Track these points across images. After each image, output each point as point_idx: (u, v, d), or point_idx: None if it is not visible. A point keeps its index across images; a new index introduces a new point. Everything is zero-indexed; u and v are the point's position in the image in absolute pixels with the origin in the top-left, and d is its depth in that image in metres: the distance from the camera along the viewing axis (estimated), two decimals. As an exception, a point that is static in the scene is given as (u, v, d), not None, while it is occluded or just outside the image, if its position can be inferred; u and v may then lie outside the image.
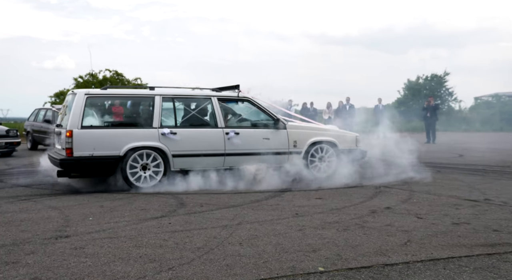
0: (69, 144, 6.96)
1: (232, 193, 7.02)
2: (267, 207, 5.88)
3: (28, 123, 16.88)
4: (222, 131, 7.71)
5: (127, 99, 7.85)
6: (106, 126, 7.41)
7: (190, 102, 7.95)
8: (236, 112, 8.32)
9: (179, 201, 6.42)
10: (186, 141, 7.46)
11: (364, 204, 5.99)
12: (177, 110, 7.69)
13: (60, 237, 4.51)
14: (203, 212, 5.66)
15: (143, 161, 7.28)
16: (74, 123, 7.02)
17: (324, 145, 8.36)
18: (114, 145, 7.13)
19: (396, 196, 6.56)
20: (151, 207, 5.98)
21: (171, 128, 7.46)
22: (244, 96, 8.11)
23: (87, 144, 7.01)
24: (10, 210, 5.93)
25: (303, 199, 6.46)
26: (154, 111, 7.46)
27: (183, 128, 7.56)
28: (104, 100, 7.68)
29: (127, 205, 6.19)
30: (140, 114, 7.78)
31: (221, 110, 7.85)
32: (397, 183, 7.88)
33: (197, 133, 7.62)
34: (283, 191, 7.10)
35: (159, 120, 7.44)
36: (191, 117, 7.73)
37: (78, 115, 7.04)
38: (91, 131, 7.11)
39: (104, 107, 7.74)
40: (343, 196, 6.69)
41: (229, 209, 5.79)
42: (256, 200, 6.43)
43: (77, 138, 6.97)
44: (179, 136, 7.43)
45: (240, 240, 4.27)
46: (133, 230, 4.74)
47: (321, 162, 8.34)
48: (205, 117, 7.86)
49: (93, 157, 7.06)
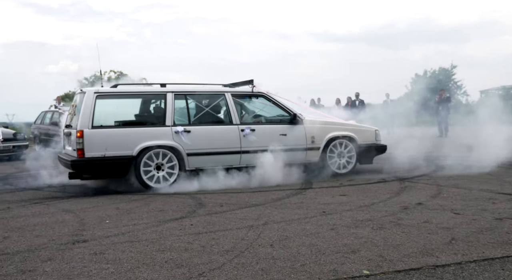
0: (80, 145, 6.70)
1: (251, 191, 6.73)
2: (291, 206, 5.60)
3: (35, 126, 16.65)
4: (237, 128, 7.43)
5: (138, 96, 7.55)
6: (118, 125, 7.14)
7: (203, 98, 7.65)
8: (250, 108, 8.02)
9: (197, 201, 6.15)
10: (201, 139, 7.17)
11: (393, 200, 5.69)
12: (190, 107, 7.41)
13: (77, 241, 4.25)
14: (225, 212, 5.37)
15: (157, 160, 7.00)
16: (84, 123, 6.75)
17: (342, 140, 8.04)
18: (127, 144, 6.86)
19: (424, 191, 6.26)
20: (169, 208, 5.71)
21: (185, 126, 7.19)
22: (259, 91, 7.81)
23: (99, 144, 6.75)
24: (22, 214, 5.67)
25: (326, 197, 6.17)
26: (166, 109, 7.18)
27: (197, 126, 7.27)
28: (115, 98, 7.37)
29: (143, 206, 5.92)
30: (152, 112, 7.50)
31: (235, 106, 7.57)
32: (421, 177, 7.56)
33: (211, 130, 7.34)
34: (304, 189, 6.81)
35: (172, 118, 7.15)
36: (205, 114, 7.44)
37: (88, 114, 6.78)
38: (103, 131, 6.85)
39: (115, 105, 7.47)
40: (367, 192, 6.40)
41: (251, 209, 5.51)
42: (278, 198, 6.15)
43: (88, 139, 6.71)
44: (193, 134, 7.15)
45: (270, 242, 3.99)
46: (154, 233, 4.47)
47: (340, 158, 8.03)
48: (219, 114, 7.58)
49: (105, 157, 6.78)
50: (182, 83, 7.63)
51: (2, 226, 5.03)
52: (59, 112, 15.23)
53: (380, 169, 8.50)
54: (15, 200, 6.62)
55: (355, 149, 8.06)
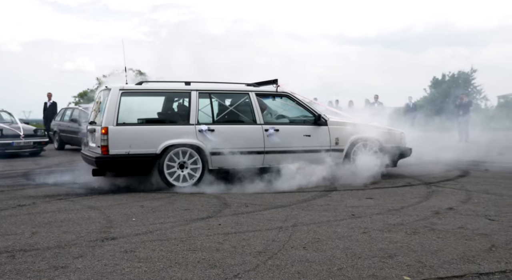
0: (104, 142, 6.67)
1: (275, 192, 6.66)
2: (318, 208, 5.51)
3: (55, 122, 16.76)
4: (261, 127, 7.33)
5: (163, 94, 7.48)
6: (142, 123, 7.10)
7: (227, 97, 7.57)
8: (274, 108, 7.88)
9: (221, 201, 6.09)
10: (224, 139, 7.07)
11: (422, 205, 5.57)
12: (214, 106, 7.34)
13: (106, 239, 4.21)
14: (251, 212, 5.31)
15: (180, 159, 6.95)
16: (109, 119, 6.72)
17: (367, 142, 7.90)
18: (151, 142, 6.81)
19: (453, 196, 6.13)
20: (195, 207, 5.66)
21: (209, 125, 7.13)
22: (283, 91, 7.71)
23: (123, 141, 6.71)
24: (48, 210, 5.66)
25: (353, 199, 6.07)
26: (190, 107, 7.12)
27: (221, 125, 7.19)
28: (139, 95, 7.33)
29: (168, 205, 5.88)
30: (176, 110, 7.42)
31: (259, 106, 7.50)
32: (447, 182, 7.43)
33: (235, 130, 7.26)
34: (328, 191, 6.72)
35: (196, 116, 7.08)
36: (229, 113, 7.37)
37: (113, 111, 6.74)
38: (127, 128, 6.81)
39: (139, 102, 7.40)
40: (394, 196, 6.28)
41: (277, 210, 5.44)
42: (304, 200, 6.06)
43: (112, 135, 6.68)
44: (217, 133, 7.08)
45: (303, 244, 3.91)
46: (182, 232, 4.42)
47: (365, 161, 7.85)
48: (243, 113, 7.46)
49: (129, 155, 6.75)
50: (206, 82, 7.57)
51: (29, 221, 5.02)
52: (79, 110, 15.33)
53: (404, 173, 8.38)
54: (40, 196, 6.63)
55: (379, 151, 7.92)
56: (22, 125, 14.02)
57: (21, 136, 13.26)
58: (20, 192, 6.98)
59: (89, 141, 7.69)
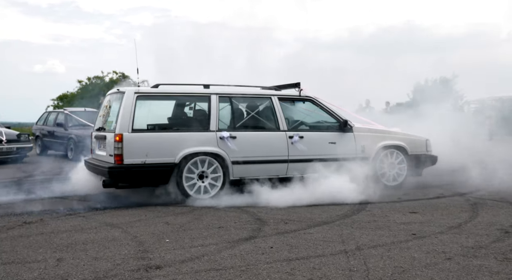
0: (119, 150, 6.06)
1: (307, 205, 6.12)
2: (366, 225, 4.99)
3: (36, 127, 15.82)
4: (285, 134, 6.81)
5: (181, 98, 6.86)
6: (159, 129, 6.53)
7: (248, 102, 7.03)
8: (297, 113, 7.31)
9: (253, 216, 5.52)
10: (247, 146, 6.55)
11: (479, 221, 5.11)
12: (235, 111, 6.80)
13: (149, 267, 3.59)
14: (296, 231, 4.75)
15: (200, 169, 6.35)
16: (124, 125, 6.11)
17: (394, 150, 7.46)
18: (169, 151, 6.22)
19: (503, 210, 5.71)
20: (228, 225, 5.07)
21: (230, 132, 6.54)
22: (306, 95, 7.19)
23: (139, 150, 6.12)
24: (62, 228, 4.99)
25: (396, 214, 5.58)
26: (210, 112, 6.56)
27: (243, 132, 6.63)
28: (156, 99, 6.74)
29: (196, 221, 5.27)
30: (196, 116, 6.85)
31: (282, 111, 6.95)
32: (479, 192, 7.00)
33: (258, 137, 6.73)
34: (363, 204, 6.21)
35: (216, 122, 6.53)
36: (251, 119, 6.82)
37: (128, 116, 6.14)
38: (143, 135, 6.24)
39: (156, 107, 6.85)
40: (438, 210, 5.82)
41: (322, 227, 4.90)
42: (343, 214, 5.54)
43: (128, 143, 6.08)
44: (238, 140, 6.52)
45: (388, 274, 3.37)
46: (234, 258, 3.83)
47: (391, 169, 7.43)
48: (265, 119, 6.92)
49: (146, 164, 6.14)
50: (225, 85, 6.98)
51: (46, 243, 4.35)
52: (64, 113, 14.45)
53: (426, 182, 7.92)
54: (44, 211, 5.91)
55: (406, 160, 7.49)
56: (3, 129, 13.07)
57: (3, 142, 12.35)
58: (18, 206, 6.23)
59: (95, 148, 7.02)
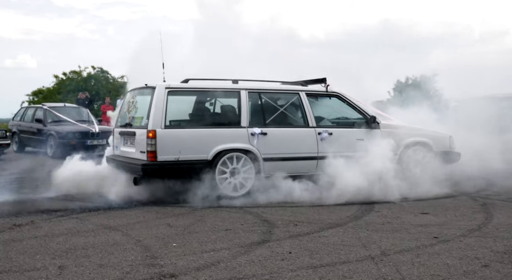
0: (152, 147, 5.87)
1: (310, 206, 5.87)
2: (381, 227, 4.76)
3: (13, 123, 15.13)
4: (314, 130, 6.66)
5: (211, 93, 6.70)
6: (191, 125, 6.36)
7: (277, 97, 6.86)
8: (325, 109, 7.14)
9: (259, 217, 5.24)
10: (278, 143, 6.42)
11: (497, 223, 4.92)
12: (264, 107, 6.64)
13: (163, 276, 3.28)
14: (309, 234, 4.48)
15: (232, 165, 6.19)
16: (156, 122, 5.94)
17: (420, 147, 7.18)
18: (202, 147, 6.08)
19: (515, 211, 5.56)
20: (234, 227, 4.78)
21: (261, 128, 6.38)
22: (333, 91, 7.01)
23: (173, 146, 5.96)
24: (56, 231, 4.61)
25: (408, 215, 5.37)
26: (241, 108, 6.42)
27: (273, 128, 6.48)
28: (186, 94, 6.63)
29: (199, 223, 4.96)
30: (226, 111, 6.65)
31: (311, 107, 6.78)
32: (485, 192, 6.84)
33: (288, 133, 6.60)
34: (369, 204, 5.97)
35: (247, 118, 6.39)
36: (280, 115, 6.66)
37: (160, 112, 5.98)
38: (176, 131, 6.13)
39: (186, 102, 6.65)
40: (449, 210, 5.63)
41: (337, 230, 4.64)
42: (353, 216, 5.30)
43: (161, 140, 5.90)
44: (269, 136, 6.38)
45: (425, 281, 3.14)
46: (253, 265, 3.54)
47: (416, 167, 7.07)
48: (294, 115, 6.83)
49: (179, 161, 5.96)
50: (252, 80, 6.82)
51: (42, 249, 3.98)
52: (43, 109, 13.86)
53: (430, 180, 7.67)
54: (33, 212, 5.50)
55: (430, 157, 7.16)
56: (-21, 125, 12.46)
57: (-20, 138, 11.76)
58: (3, 207, 5.79)
59: (120, 145, 6.78)
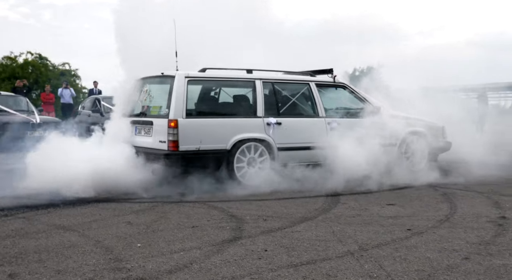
0: (174, 136, 5.93)
1: (276, 199, 5.69)
2: (352, 220, 4.63)
3: None
4: (324, 120, 6.87)
5: (228, 82, 6.80)
6: (210, 115, 6.43)
7: (289, 87, 6.99)
8: (332, 99, 7.34)
9: (225, 212, 4.98)
10: (291, 132, 6.60)
11: (463, 213, 4.92)
12: (278, 97, 6.77)
13: (132, 283, 2.96)
14: (281, 229, 4.28)
15: (249, 155, 6.34)
16: (178, 111, 5.99)
17: (417, 137, 7.48)
18: (222, 137, 6.19)
19: (477, 200, 5.60)
20: (201, 223, 4.50)
21: (276, 118, 6.53)
22: (340, 82, 7.25)
23: (194, 136, 6.04)
24: (1, 233, 4.15)
25: (375, 206, 5.29)
26: (257, 98, 6.53)
27: (287, 118, 6.64)
28: (204, 83, 6.63)
29: (162, 220, 4.64)
30: (243, 101, 6.74)
31: (320, 97, 6.98)
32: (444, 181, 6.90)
33: (301, 123, 6.78)
34: (334, 196, 5.87)
35: (263, 108, 6.52)
36: (292, 105, 6.82)
37: (182, 102, 6.03)
38: (198, 121, 6.19)
39: (204, 91, 6.68)
40: (413, 200, 5.61)
41: (308, 224, 4.47)
42: (321, 209, 5.16)
43: (183, 129, 5.97)
44: (283, 126, 6.55)
45: (414, 279, 3.01)
46: (229, 265, 3.29)
47: (413, 156, 7.42)
48: (306, 105, 7.00)
49: (200, 151, 6.05)
50: (264, 70, 6.92)
51: (-13, 254, 3.54)
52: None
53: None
54: (-28, 211, 4.97)
55: (426, 146, 7.53)
56: None
57: None
58: None
59: (134, 134, 6.67)
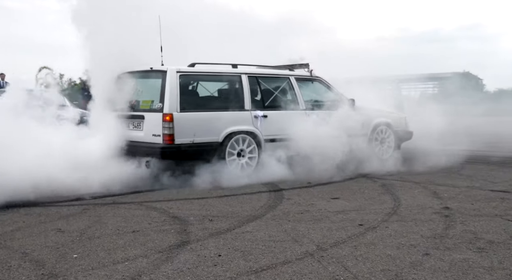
0: (170, 130, 6.00)
1: (217, 197, 5.43)
2: (302, 217, 4.48)
3: None
4: (304, 113, 7.09)
5: (216, 77, 6.94)
6: (202, 109, 6.45)
7: (272, 81, 7.20)
8: (309, 92, 7.55)
9: (166, 214, 4.64)
10: (275, 125, 6.77)
11: (407, 205, 4.93)
12: (262, 91, 6.96)
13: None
14: (231, 230, 4.02)
15: (239, 147, 6.49)
16: (172, 105, 6.06)
17: (384, 126, 7.88)
18: (214, 130, 6.31)
19: (416, 191, 5.67)
20: (142, 227, 4.14)
21: (262, 111, 6.73)
22: (316, 76, 7.52)
23: (188, 129, 6.14)
24: None
25: (321, 201, 5.18)
26: (244, 92, 6.70)
27: (272, 111, 6.83)
28: (194, 78, 6.70)
29: (97, 225, 4.22)
30: (231, 95, 6.80)
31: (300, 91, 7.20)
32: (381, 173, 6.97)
33: (284, 115, 6.91)
34: (276, 191, 5.71)
35: (249, 102, 6.70)
36: (275, 98, 7.02)
37: (175, 96, 6.11)
38: (191, 115, 6.25)
39: (193, 86, 6.76)
40: (355, 193, 5.59)
41: (258, 223, 4.25)
42: (267, 205, 4.96)
43: (178, 123, 6.05)
44: (269, 119, 6.73)
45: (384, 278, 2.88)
46: (183, 275, 3.00)
47: (382, 145, 7.85)
48: (288, 98, 7.16)
49: (194, 144, 6.14)
50: (249, 65, 7.15)
51: None
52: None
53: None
54: None
55: (393, 135, 7.96)
56: None
57: None
58: None
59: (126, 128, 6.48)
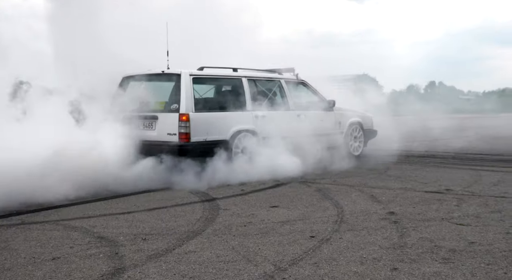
0: (186, 129, 6.46)
1: (145, 210, 4.88)
2: (247, 230, 4.10)
3: None
4: (295, 113, 7.74)
5: (222, 80, 7.58)
6: (212, 109, 7.02)
7: (266, 84, 7.78)
8: (296, 95, 8.13)
9: (90, 234, 4.05)
10: (272, 124, 7.23)
11: (350, 211, 4.74)
12: (259, 93, 7.52)
13: None
14: (171, 251, 3.55)
15: (242, 144, 6.98)
16: (188, 106, 6.54)
17: (357, 126, 8.80)
18: (224, 129, 6.83)
19: (354, 195, 5.54)
20: (64, 253, 3.52)
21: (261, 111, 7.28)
22: (302, 79, 8.20)
23: (202, 128, 6.61)
24: None
25: (260, 210, 4.88)
26: (245, 93, 7.25)
27: (269, 111, 7.38)
28: (203, 81, 7.35)
29: (5, 253, 3.55)
30: (234, 97, 7.26)
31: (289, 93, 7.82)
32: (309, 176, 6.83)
33: (280, 115, 7.48)
34: (210, 201, 5.28)
35: (251, 103, 7.26)
36: (270, 100, 7.61)
37: (190, 97, 6.60)
38: (205, 115, 6.77)
39: (204, 88, 7.48)
40: (293, 200, 5.32)
41: (200, 241, 3.81)
42: (203, 218, 4.53)
43: (194, 122, 6.50)
44: (267, 119, 7.27)
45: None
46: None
47: (355, 142, 8.82)
48: (280, 99, 7.79)
49: (206, 142, 6.63)
50: (247, 69, 7.71)
51: None
52: None
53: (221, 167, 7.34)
54: None
55: (363, 134, 8.93)
56: None
57: None
58: None
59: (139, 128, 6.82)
